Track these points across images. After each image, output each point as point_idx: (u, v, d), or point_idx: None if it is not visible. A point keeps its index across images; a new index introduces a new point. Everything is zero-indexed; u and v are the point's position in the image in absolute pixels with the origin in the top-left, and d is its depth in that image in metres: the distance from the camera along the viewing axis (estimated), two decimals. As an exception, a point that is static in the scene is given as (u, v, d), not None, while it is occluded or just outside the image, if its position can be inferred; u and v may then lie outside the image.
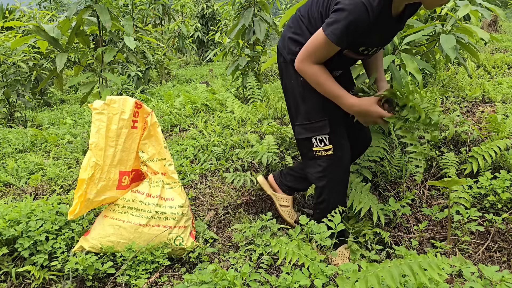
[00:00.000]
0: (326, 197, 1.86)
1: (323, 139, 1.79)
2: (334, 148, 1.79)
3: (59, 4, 10.67)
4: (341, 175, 1.85)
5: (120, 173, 1.89)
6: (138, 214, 1.86)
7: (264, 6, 4.33)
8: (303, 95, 1.81)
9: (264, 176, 2.26)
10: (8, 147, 3.43)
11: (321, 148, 1.80)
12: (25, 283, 1.75)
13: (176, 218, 1.90)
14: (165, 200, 1.94)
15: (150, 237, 1.85)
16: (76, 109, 5.79)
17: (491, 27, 8.62)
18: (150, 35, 6.93)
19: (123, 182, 1.92)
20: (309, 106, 1.80)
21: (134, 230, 1.84)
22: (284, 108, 3.76)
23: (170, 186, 1.99)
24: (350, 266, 1.41)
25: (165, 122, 3.83)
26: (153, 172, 1.99)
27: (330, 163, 1.81)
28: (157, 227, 1.87)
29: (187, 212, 1.98)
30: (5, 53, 4.77)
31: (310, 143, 1.83)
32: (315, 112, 1.79)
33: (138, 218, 1.85)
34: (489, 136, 2.65)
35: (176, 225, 1.90)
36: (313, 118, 1.79)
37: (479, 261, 1.81)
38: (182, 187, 2.04)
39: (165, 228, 1.87)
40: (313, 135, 1.80)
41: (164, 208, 1.91)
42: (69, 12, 2.84)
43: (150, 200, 1.90)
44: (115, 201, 1.90)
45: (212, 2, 11.96)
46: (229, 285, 1.40)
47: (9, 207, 1.93)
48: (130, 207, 1.88)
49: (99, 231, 1.83)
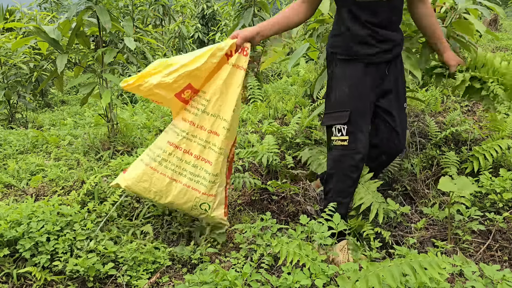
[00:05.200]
0: (332, 187, 1.89)
1: (341, 129, 1.84)
2: (349, 140, 1.82)
3: (60, 5, 10.67)
4: (350, 169, 1.86)
5: (187, 85, 1.82)
6: (173, 169, 1.85)
7: (264, 6, 4.34)
8: (331, 85, 1.89)
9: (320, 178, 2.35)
10: (9, 148, 3.43)
11: (338, 138, 1.84)
12: (26, 284, 1.75)
13: (208, 185, 1.87)
14: (204, 162, 1.87)
15: (179, 194, 1.85)
16: (77, 110, 5.80)
17: (491, 25, 8.61)
18: (150, 36, 6.92)
19: (184, 94, 1.85)
20: (336, 96, 1.87)
21: (167, 183, 1.84)
22: (284, 108, 3.77)
23: (214, 150, 1.88)
24: (350, 265, 1.41)
25: (165, 123, 3.83)
26: (201, 127, 1.88)
27: (342, 154, 1.85)
28: (187, 188, 1.85)
29: (221, 182, 1.93)
30: (6, 55, 4.78)
31: (331, 132, 1.88)
32: (340, 102, 1.85)
33: (172, 173, 1.85)
34: (490, 135, 2.65)
35: (206, 192, 1.87)
36: (337, 107, 1.85)
37: (480, 260, 1.81)
38: (225, 159, 1.93)
39: (195, 191, 1.86)
40: (334, 124, 1.86)
41: (199, 170, 1.87)
42: (69, 14, 2.84)
43: (187, 157, 1.86)
44: (161, 102, 1.87)
45: (212, 3, 11.95)
46: (230, 285, 1.40)
47: (10, 208, 1.93)
48: (166, 160, 1.86)
49: (135, 175, 1.86)
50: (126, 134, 3.39)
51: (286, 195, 2.39)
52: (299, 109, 3.80)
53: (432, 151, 2.62)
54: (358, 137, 1.84)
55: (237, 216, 2.27)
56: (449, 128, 2.86)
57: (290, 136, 2.90)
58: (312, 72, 5.24)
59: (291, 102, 3.77)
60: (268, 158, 2.53)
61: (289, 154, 2.75)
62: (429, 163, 2.59)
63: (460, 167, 2.44)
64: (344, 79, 1.84)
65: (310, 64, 5.85)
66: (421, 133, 2.90)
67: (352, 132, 1.82)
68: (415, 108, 3.40)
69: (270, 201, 2.39)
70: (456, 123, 3.02)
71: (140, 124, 3.85)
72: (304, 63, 5.97)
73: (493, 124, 2.69)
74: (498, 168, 2.38)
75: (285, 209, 2.30)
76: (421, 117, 3.20)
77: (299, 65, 5.90)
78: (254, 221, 2.20)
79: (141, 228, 2.07)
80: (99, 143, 3.28)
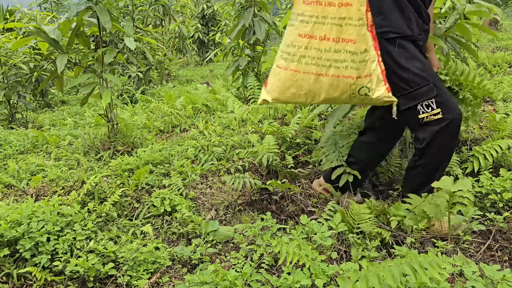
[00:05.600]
0: (426, 162, 1.87)
1: (430, 104, 1.77)
2: (443, 112, 1.77)
3: (60, 5, 10.69)
4: (449, 140, 1.82)
5: None
6: (315, 63, 1.68)
7: (264, 6, 4.34)
8: (400, 64, 1.79)
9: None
10: (9, 149, 3.43)
11: (429, 113, 1.77)
12: (26, 284, 1.75)
13: (358, 66, 1.68)
14: (345, 42, 1.67)
15: (330, 88, 1.70)
16: (77, 110, 5.80)
17: (492, 26, 8.61)
18: (150, 36, 6.93)
19: None
20: (409, 73, 1.79)
21: (313, 81, 1.69)
22: (284, 108, 3.76)
23: (352, 25, 1.66)
24: (351, 265, 1.41)
25: (165, 123, 3.84)
26: (330, 4, 1.66)
27: (439, 128, 1.78)
28: (337, 78, 1.69)
29: (371, 57, 1.71)
30: (6, 55, 4.78)
31: (416, 111, 1.80)
32: (417, 78, 1.78)
33: (316, 68, 1.68)
34: (490, 135, 2.65)
35: (360, 75, 1.69)
36: (416, 84, 1.78)
37: (480, 260, 1.80)
38: (366, 29, 1.70)
39: (347, 79, 1.69)
40: (418, 102, 1.78)
41: (343, 54, 1.66)
42: (69, 14, 2.84)
43: (325, 44, 1.67)
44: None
45: (212, 3, 11.96)
46: (230, 285, 1.40)
47: (10, 209, 1.94)
48: (304, 55, 1.70)
49: (278, 84, 1.74)
50: (126, 134, 3.39)
51: (286, 195, 2.39)
52: (299, 109, 3.80)
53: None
54: (451, 104, 1.79)
55: (237, 216, 2.27)
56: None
57: (290, 136, 2.90)
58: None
59: (291, 102, 3.77)
60: (268, 158, 2.54)
61: (289, 154, 2.75)
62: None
63: (460, 167, 2.44)
64: (413, 57, 1.81)
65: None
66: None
67: (443, 102, 1.77)
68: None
69: (270, 201, 2.39)
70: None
71: (140, 124, 3.85)
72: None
73: (493, 124, 2.69)
74: (498, 168, 2.38)
75: (285, 209, 2.30)
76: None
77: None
78: (254, 221, 2.20)
79: (141, 228, 2.07)
80: (99, 143, 3.29)
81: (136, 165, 2.73)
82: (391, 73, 1.81)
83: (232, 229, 2.05)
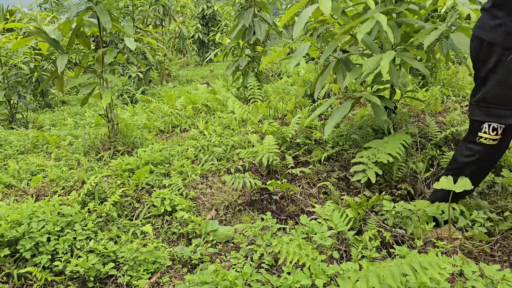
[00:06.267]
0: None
1: (497, 128, 1.62)
2: (502, 141, 1.63)
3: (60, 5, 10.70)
4: (491, 166, 1.72)
5: None
6: None
7: (264, 6, 4.34)
8: (497, 76, 1.59)
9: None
10: (10, 149, 3.43)
11: (489, 137, 1.64)
12: (27, 284, 1.75)
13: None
14: None
15: None
16: (77, 110, 5.80)
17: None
18: (150, 36, 6.93)
19: None
20: (502, 89, 1.59)
21: None
22: (284, 108, 3.76)
23: None
24: (351, 265, 1.41)
25: (166, 123, 3.84)
26: None
27: (488, 153, 1.67)
28: None
29: None
30: (6, 55, 4.78)
31: (479, 128, 1.66)
32: (505, 98, 1.59)
33: None
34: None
35: None
36: (500, 102, 1.60)
37: (480, 260, 1.80)
38: None
39: None
40: (487, 120, 1.63)
41: None
42: (69, 14, 2.84)
43: None
44: None
45: (212, 3, 11.96)
46: (230, 285, 1.40)
47: (10, 209, 1.94)
48: None
49: None
50: (126, 134, 3.39)
51: (286, 195, 2.39)
52: (299, 109, 3.80)
53: (433, 151, 2.62)
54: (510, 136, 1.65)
55: (237, 216, 2.27)
56: (449, 128, 2.86)
57: (290, 136, 2.90)
58: (312, 72, 5.24)
59: (291, 102, 3.77)
60: (268, 158, 2.54)
61: (289, 154, 2.75)
62: (429, 163, 2.59)
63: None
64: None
65: (310, 64, 5.84)
66: (421, 133, 2.89)
67: (509, 131, 1.62)
68: (415, 108, 3.40)
69: (270, 201, 2.39)
70: (456, 123, 3.02)
71: (140, 124, 3.85)
72: (304, 63, 5.97)
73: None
74: (499, 168, 2.38)
75: (285, 209, 2.30)
76: (421, 117, 3.20)
77: (299, 65, 5.90)
78: (254, 221, 2.20)
79: (141, 228, 2.07)
80: (100, 143, 3.29)
81: (136, 165, 2.73)
82: (485, 79, 1.65)
83: (232, 229, 2.05)
